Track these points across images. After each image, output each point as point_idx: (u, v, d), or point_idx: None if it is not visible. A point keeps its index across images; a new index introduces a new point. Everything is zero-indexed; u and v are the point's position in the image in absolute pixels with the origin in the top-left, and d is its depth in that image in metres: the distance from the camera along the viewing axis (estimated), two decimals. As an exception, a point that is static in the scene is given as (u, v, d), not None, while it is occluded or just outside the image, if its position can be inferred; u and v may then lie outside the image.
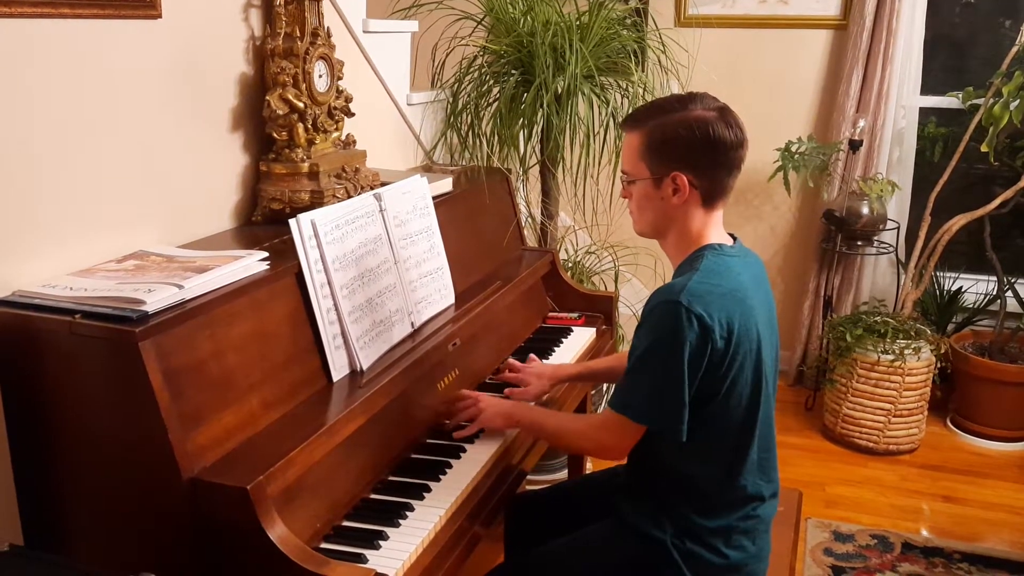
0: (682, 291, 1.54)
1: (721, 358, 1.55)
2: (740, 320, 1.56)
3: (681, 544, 1.64)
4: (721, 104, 1.62)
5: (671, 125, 1.59)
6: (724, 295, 1.56)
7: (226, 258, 1.63)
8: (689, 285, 1.55)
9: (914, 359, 3.31)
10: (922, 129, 3.77)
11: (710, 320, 1.52)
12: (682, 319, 1.52)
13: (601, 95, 2.62)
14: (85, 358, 1.41)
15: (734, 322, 1.55)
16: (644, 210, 1.67)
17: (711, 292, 1.55)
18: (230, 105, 1.98)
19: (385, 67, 2.60)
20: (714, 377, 1.56)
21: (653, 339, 1.57)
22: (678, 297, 1.53)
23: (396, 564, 1.45)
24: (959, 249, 3.73)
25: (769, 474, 1.70)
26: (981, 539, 2.88)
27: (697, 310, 1.52)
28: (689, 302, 1.52)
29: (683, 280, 1.57)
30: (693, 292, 1.54)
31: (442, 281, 2.15)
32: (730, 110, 1.62)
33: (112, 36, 1.67)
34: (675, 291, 1.54)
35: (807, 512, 2.89)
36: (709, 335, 1.52)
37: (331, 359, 1.73)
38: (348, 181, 2.08)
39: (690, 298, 1.53)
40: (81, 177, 1.64)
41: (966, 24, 3.85)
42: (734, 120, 1.60)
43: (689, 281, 1.56)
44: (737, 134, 1.59)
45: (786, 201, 3.90)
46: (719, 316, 1.53)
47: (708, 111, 1.59)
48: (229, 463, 1.42)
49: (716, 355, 1.54)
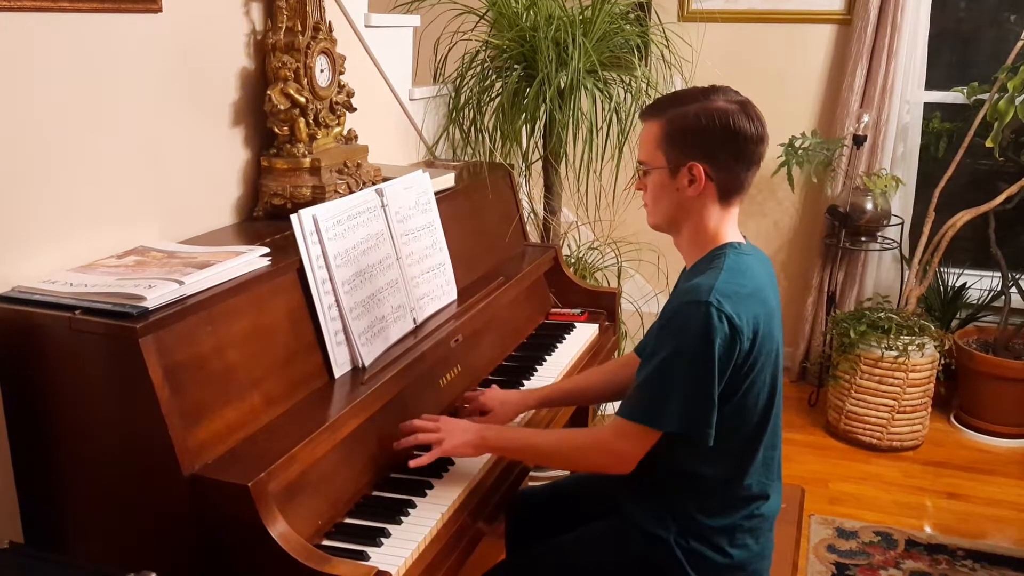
0: (711, 291, 1.50)
1: (744, 359, 1.52)
2: (764, 321, 1.55)
3: (685, 543, 1.63)
4: (743, 98, 1.60)
5: (691, 115, 1.57)
6: (749, 296, 1.54)
7: (227, 254, 1.62)
8: (716, 285, 1.51)
9: (918, 355, 3.30)
10: (926, 124, 3.76)
11: (739, 321, 1.50)
12: (712, 320, 1.48)
13: (604, 90, 2.61)
14: (85, 354, 1.40)
15: (759, 323, 1.53)
16: (659, 201, 1.64)
17: (738, 293, 1.52)
18: (231, 100, 1.97)
19: (387, 62, 2.59)
20: (736, 378, 1.53)
21: (679, 343, 1.52)
22: (707, 297, 1.50)
23: (398, 562, 1.44)
24: (963, 245, 3.72)
25: (773, 473, 1.69)
26: (985, 536, 2.87)
27: (727, 310, 1.49)
28: (719, 302, 1.49)
29: (708, 280, 1.53)
30: (722, 292, 1.51)
31: (444, 277, 2.14)
32: (752, 104, 1.59)
33: (112, 30, 1.66)
34: (703, 292, 1.51)
35: (810, 509, 2.89)
36: (738, 336, 1.50)
37: (333, 355, 1.72)
38: (350, 176, 2.07)
39: (720, 298, 1.50)
40: (81, 172, 1.63)
41: (971, 19, 3.83)
42: (755, 114, 1.58)
43: (716, 280, 1.52)
44: (758, 128, 1.57)
45: (789, 197, 3.89)
46: (746, 317, 1.51)
47: (730, 103, 1.57)
48: (230, 460, 1.42)
49: (741, 356, 1.52)
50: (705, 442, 1.53)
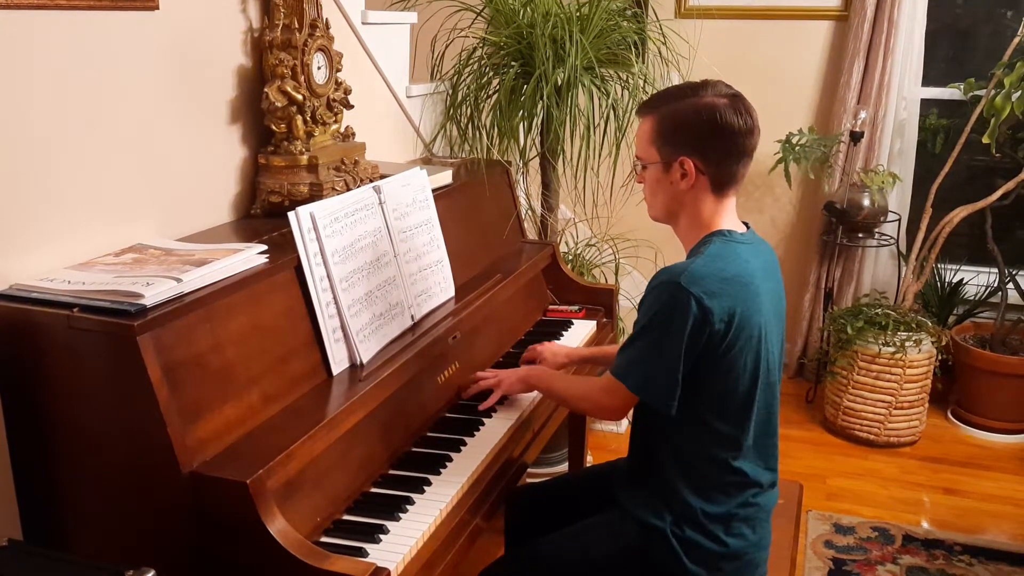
0: (683, 273, 1.56)
1: (720, 340, 1.56)
2: (742, 306, 1.57)
3: (680, 532, 1.64)
4: (734, 91, 1.63)
5: (681, 111, 1.62)
6: (727, 279, 1.57)
7: (225, 251, 1.62)
8: (691, 268, 1.57)
9: (915, 351, 3.30)
10: (923, 120, 3.76)
11: (709, 302, 1.54)
12: (680, 300, 1.54)
13: (601, 87, 2.61)
14: (83, 352, 1.40)
15: (736, 307, 1.56)
16: (656, 195, 1.70)
17: (713, 276, 1.56)
18: (228, 97, 1.97)
19: (384, 59, 2.59)
20: (712, 359, 1.58)
21: (651, 317, 1.59)
22: (678, 279, 1.55)
23: (396, 558, 1.45)
24: (960, 241, 3.73)
25: (769, 461, 1.70)
26: (982, 531, 2.88)
27: (696, 292, 1.54)
28: (688, 283, 1.54)
29: (686, 263, 1.60)
30: (693, 274, 1.56)
31: (442, 274, 2.14)
32: (742, 97, 1.62)
33: (109, 28, 1.66)
34: (676, 272, 1.57)
35: (808, 505, 2.89)
36: (708, 317, 1.54)
37: (331, 352, 1.72)
38: (347, 174, 2.07)
39: (689, 279, 1.55)
40: (79, 170, 1.63)
41: (968, 15, 3.83)
42: (744, 107, 1.61)
43: (692, 264, 1.58)
44: (747, 121, 1.60)
45: (787, 193, 3.89)
46: (719, 299, 1.55)
47: (719, 97, 1.60)
48: (229, 457, 1.42)
49: (715, 337, 1.56)
50: (668, 412, 1.60)
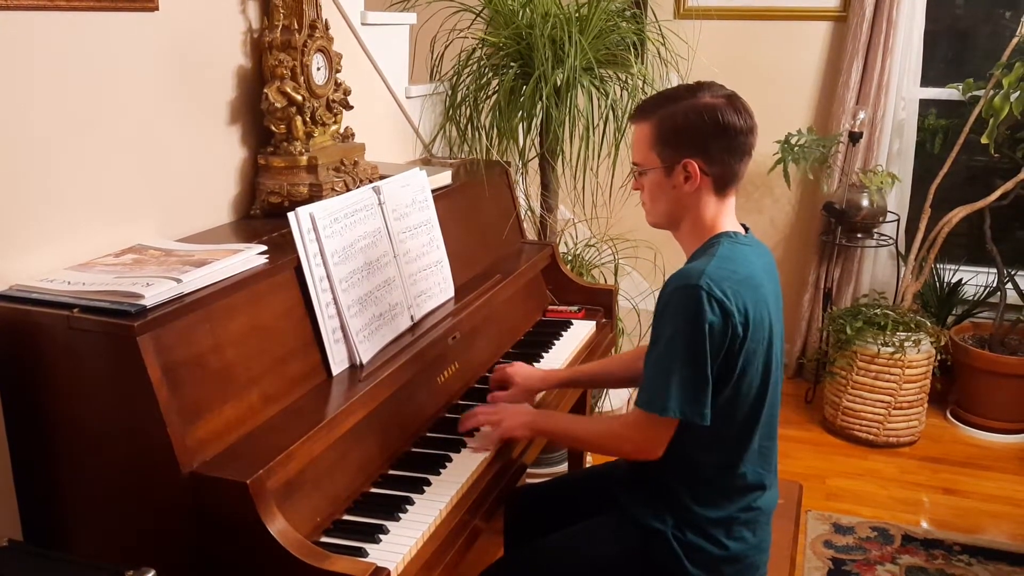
0: (701, 275, 1.54)
1: (739, 344, 1.55)
2: (755, 308, 1.57)
3: (682, 535, 1.64)
4: (729, 91, 1.64)
5: (680, 113, 1.61)
6: (740, 281, 1.56)
7: (224, 252, 1.62)
8: (707, 269, 1.55)
9: (914, 351, 3.30)
10: (922, 121, 3.76)
11: (730, 304, 1.53)
12: (703, 302, 1.52)
13: (600, 87, 2.61)
14: (83, 352, 1.41)
15: (750, 309, 1.56)
16: (657, 200, 1.67)
17: (728, 278, 1.55)
18: (228, 98, 1.97)
19: (383, 60, 2.59)
20: (729, 363, 1.56)
21: (674, 327, 1.55)
22: (697, 281, 1.53)
23: (396, 558, 1.45)
24: (959, 241, 3.73)
25: (770, 464, 1.70)
26: (981, 531, 2.88)
27: (717, 293, 1.52)
28: (709, 285, 1.52)
29: (700, 265, 1.57)
30: (712, 276, 1.54)
31: (442, 274, 2.14)
32: (738, 97, 1.63)
33: (109, 28, 1.66)
34: (693, 276, 1.55)
35: (807, 505, 2.89)
36: (730, 319, 1.53)
37: (331, 353, 1.73)
38: (347, 174, 2.07)
39: (709, 281, 1.53)
40: (79, 170, 1.63)
41: (967, 15, 3.83)
42: (742, 106, 1.62)
43: (707, 266, 1.56)
44: (746, 120, 1.61)
45: (786, 194, 3.89)
46: (737, 301, 1.54)
47: (716, 98, 1.61)
48: (229, 457, 1.42)
49: (736, 341, 1.54)
50: (702, 423, 1.55)
